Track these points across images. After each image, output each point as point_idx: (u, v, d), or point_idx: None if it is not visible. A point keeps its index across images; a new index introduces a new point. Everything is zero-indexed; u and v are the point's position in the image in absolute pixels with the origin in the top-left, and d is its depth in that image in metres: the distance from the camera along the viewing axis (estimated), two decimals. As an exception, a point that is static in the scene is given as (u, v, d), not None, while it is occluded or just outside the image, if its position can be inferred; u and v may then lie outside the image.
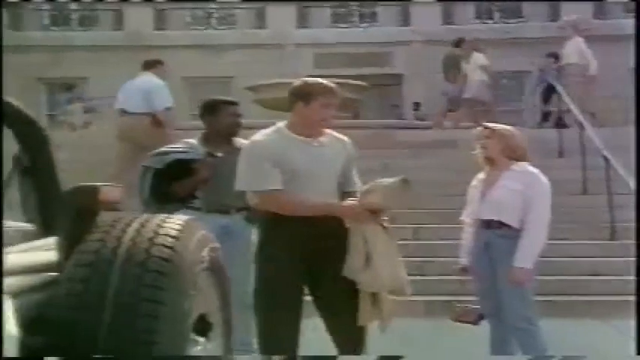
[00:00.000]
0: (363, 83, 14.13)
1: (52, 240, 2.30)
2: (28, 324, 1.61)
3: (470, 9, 20.62)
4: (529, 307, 4.43)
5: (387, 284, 3.56)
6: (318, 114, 3.62)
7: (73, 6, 21.47)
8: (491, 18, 20.57)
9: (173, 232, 1.85)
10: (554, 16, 19.68)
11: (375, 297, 3.57)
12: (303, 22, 20.81)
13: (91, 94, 17.28)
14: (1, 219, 1.27)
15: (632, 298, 4.39)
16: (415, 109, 18.20)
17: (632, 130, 6.94)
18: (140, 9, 20.39)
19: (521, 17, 20.34)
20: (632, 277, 4.69)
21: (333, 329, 3.66)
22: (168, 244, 1.81)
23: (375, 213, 3.56)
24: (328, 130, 3.80)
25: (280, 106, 12.58)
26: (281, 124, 3.69)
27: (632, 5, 12.15)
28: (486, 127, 4.66)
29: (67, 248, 1.91)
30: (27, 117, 2.55)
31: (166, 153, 4.72)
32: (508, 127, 4.81)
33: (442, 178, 8.97)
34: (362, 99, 14.66)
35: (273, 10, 20.54)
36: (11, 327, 1.43)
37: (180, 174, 4.58)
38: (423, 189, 7.53)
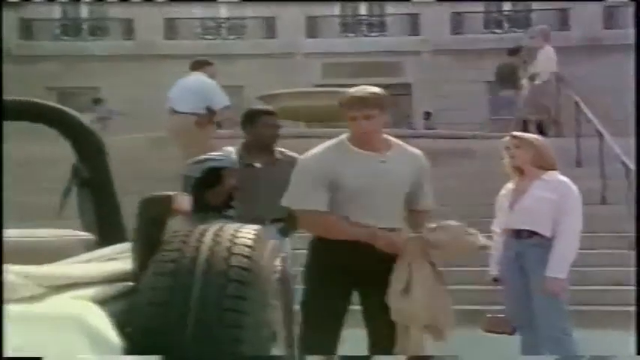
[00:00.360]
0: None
1: (110, 249, 2.32)
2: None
3: (479, 19, 20.71)
4: (563, 317, 4.43)
5: (420, 320, 3.35)
6: (350, 126, 3.45)
7: (84, 16, 21.58)
8: (500, 28, 20.64)
9: (249, 242, 1.86)
10: (563, 26, 19.74)
11: (407, 330, 3.36)
12: (312, 32, 20.90)
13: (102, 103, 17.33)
14: (1, 222, 1.28)
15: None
16: (426, 119, 18.25)
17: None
18: (150, 18, 20.48)
19: (530, 27, 20.37)
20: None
21: (375, 344, 3.55)
22: (246, 254, 1.82)
23: (431, 249, 3.34)
24: (399, 142, 3.57)
25: (290, 116, 12.61)
26: (343, 136, 3.51)
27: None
28: (515, 137, 4.67)
29: (143, 257, 1.93)
30: (85, 128, 2.58)
31: (202, 161, 4.73)
32: (537, 136, 4.81)
33: (461, 187, 8.98)
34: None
35: (282, 20, 20.65)
36: (110, 332, 1.45)
37: (215, 182, 4.59)
38: (443, 198, 7.55)
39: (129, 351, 1.49)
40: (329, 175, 3.38)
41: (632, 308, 6.71)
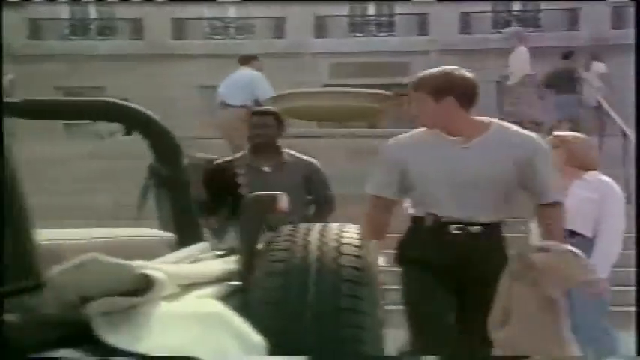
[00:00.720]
0: (387, 92, 14.20)
1: (192, 250, 2.33)
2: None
3: (487, 19, 20.71)
4: (604, 317, 4.45)
5: (523, 353, 2.82)
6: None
7: (93, 15, 21.58)
8: (509, 28, 20.64)
9: (356, 242, 1.87)
10: (573, 26, 19.75)
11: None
12: (320, 31, 20.91)
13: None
14: (2, 221, 1.29)
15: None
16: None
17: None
18: (159, 18, 20.48)
19: (539, 27, 20.40)
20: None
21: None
22: (356, 253, 1.83)
23: (533, 272, 2.84)
24: (504, 126, 3.22)
25: (299, 115, 12.67)
26: None
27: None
28: (554, 136, 4.68)
29: (248, 257, 1.94)
30: (162, 128, 2.59)
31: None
32: (577, 136, 4.81)
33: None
34: (385, 109, 14.72)
35: (291, 20, 20.65)
36: (253, 332, 1.46)
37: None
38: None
39: (271, 351, 1.49)
40: (399, 160, 3.20)
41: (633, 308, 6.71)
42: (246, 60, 8.96)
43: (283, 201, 2.05)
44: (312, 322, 1.70)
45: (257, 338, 1.45)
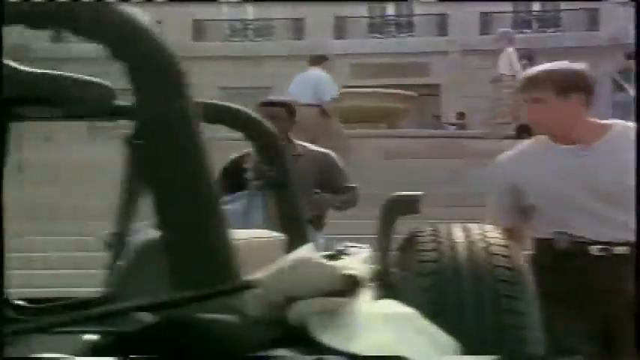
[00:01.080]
0: (412, 93, 14.24)
1: (305, 251, 2.31)
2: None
3: (507, 19, 20.69)
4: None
5: None
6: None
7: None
8: (529, 28, 20.63)
9: (502, 242, 1.85)
10: (593, 26, 19.72)
11: None
12: (340, 32, 20.93)
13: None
14: (2, 220, 1.27)
15: None
16: (459, 119, 18.22)
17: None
18: (178, 20, 20.53)
19: (559, 27, 20.37)
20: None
21: None
22: (505, 253, 1.80)
23: None
24: (624, 126, 2.79)
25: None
26: None
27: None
28: None
29: (386, 257, 1.93)
30: (267, 130, 2.57)
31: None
32: None
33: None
34: (407, 109, 14.77)
35: (310, 21, 20.68)
36: (439, 332, 1.45)
37: None
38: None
39: (463, 351, 1.47)
40: (508, 180, 2.87)
41: None
42: (316, 60, 9.12)
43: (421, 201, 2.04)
44: (473, 323, 1.68)
45: (447, 338, 1.42)
